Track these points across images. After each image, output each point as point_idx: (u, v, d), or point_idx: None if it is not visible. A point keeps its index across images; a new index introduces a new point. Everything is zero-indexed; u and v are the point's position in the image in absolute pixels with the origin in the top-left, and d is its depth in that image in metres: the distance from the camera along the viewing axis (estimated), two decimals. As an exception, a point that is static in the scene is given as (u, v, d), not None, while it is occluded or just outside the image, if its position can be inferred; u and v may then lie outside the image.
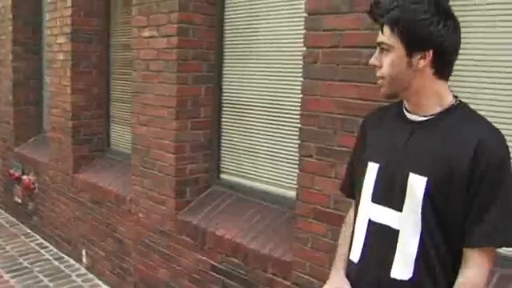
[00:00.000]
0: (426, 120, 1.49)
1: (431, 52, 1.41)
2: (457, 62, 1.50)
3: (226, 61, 3.56)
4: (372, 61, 1.51)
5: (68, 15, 4.46)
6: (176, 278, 3.57)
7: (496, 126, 1.47)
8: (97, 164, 4.74)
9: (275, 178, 3.28)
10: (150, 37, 3.51)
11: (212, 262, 3.28)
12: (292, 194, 3.08)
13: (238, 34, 3.46)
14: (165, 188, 3.58)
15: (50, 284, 4.39)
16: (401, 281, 1.46)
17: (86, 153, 4.73)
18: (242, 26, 3.43)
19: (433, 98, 1.48)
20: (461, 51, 1.49)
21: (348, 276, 1.65)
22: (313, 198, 2.61)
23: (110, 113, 4.82)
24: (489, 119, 1.49)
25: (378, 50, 1.49)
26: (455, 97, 1.51)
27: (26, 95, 5.90)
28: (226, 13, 3.50)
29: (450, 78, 1.52)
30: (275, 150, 3.27)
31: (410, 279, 1.45)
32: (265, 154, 3.34)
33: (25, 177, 5.54)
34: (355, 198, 1.69)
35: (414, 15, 1.39)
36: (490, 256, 1.43)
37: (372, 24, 2.22)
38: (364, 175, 1.59)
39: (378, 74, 1.49)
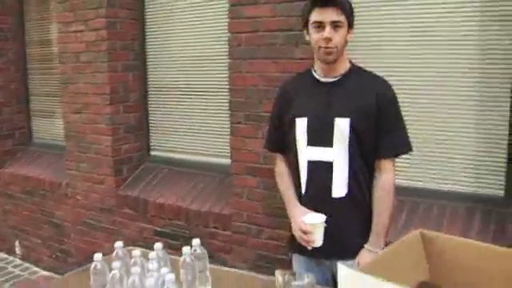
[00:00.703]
0: (337, 80, 2.06)
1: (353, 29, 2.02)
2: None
3: (148, 49, 3.97)
4: (327, 35, 1.92)
5: (-19, 14, 4.56)
6: (121, 249, 3.93)
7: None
8: (22, 157, 4.90)
9: (202, 149, 3.77)
10: (78, 31, 3.81)
11: (155, 227, 3.70)
12: (219, 160, 3.62)
13: (158, 25, 3.87)
14: (102, 168, 3.92)
15: (-12, 278, 4.51)
16: (340, 198, 2.02)
17: (9, 147, 4.87)
18: (162, 18, 3.84)
19: (344, 62, 2.07)
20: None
21: None
22: (245, 157, 3.15)
23: (30, 107, 4.99)
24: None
25: (329, 27, 1.92)
26: (350, 61, 2.10)
27: None
28: (147, 7, 3.90)
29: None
30: (199, 125, 3.75)
31: (345, 195, 2.02)
32: (189, 129, 3.82)
33: None
34: (288, 150, 2.18)
35: (350, 4, 1.99)
36: (394, 164, 2.07)
37: (284, 12, 2.83)
38: (294, 129, 2.09)
39: (331, 44, 1.94)
